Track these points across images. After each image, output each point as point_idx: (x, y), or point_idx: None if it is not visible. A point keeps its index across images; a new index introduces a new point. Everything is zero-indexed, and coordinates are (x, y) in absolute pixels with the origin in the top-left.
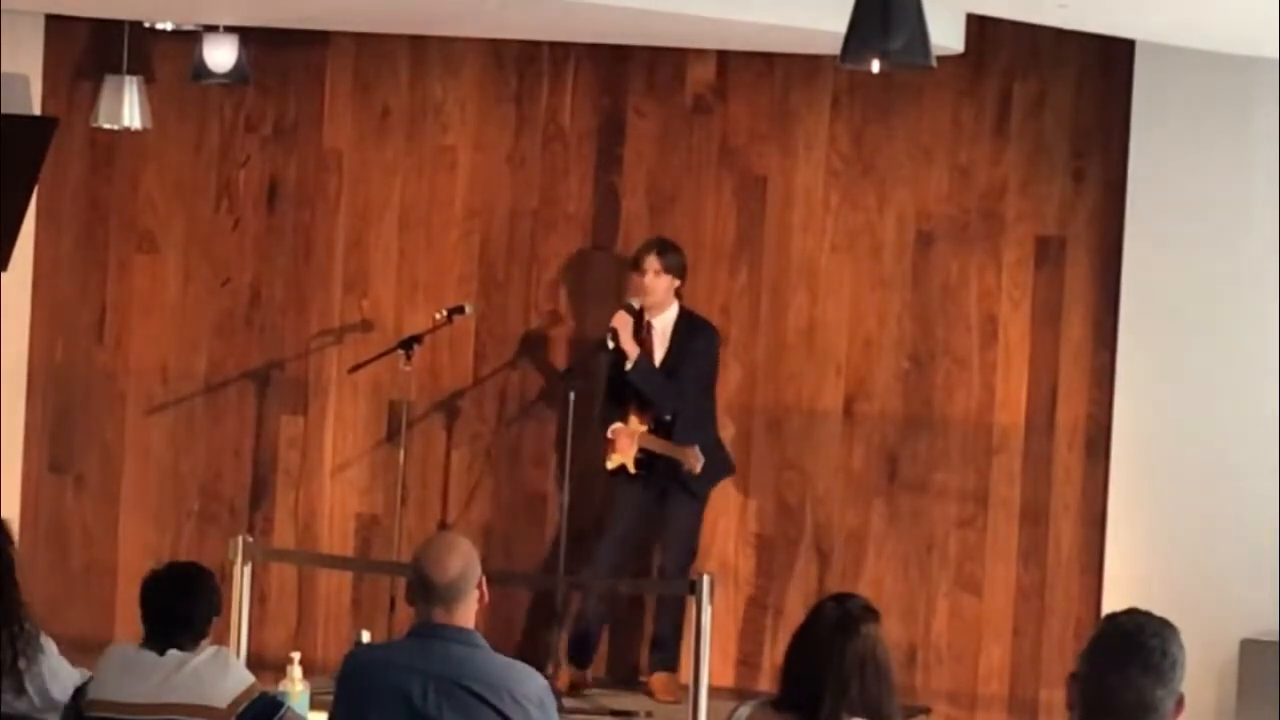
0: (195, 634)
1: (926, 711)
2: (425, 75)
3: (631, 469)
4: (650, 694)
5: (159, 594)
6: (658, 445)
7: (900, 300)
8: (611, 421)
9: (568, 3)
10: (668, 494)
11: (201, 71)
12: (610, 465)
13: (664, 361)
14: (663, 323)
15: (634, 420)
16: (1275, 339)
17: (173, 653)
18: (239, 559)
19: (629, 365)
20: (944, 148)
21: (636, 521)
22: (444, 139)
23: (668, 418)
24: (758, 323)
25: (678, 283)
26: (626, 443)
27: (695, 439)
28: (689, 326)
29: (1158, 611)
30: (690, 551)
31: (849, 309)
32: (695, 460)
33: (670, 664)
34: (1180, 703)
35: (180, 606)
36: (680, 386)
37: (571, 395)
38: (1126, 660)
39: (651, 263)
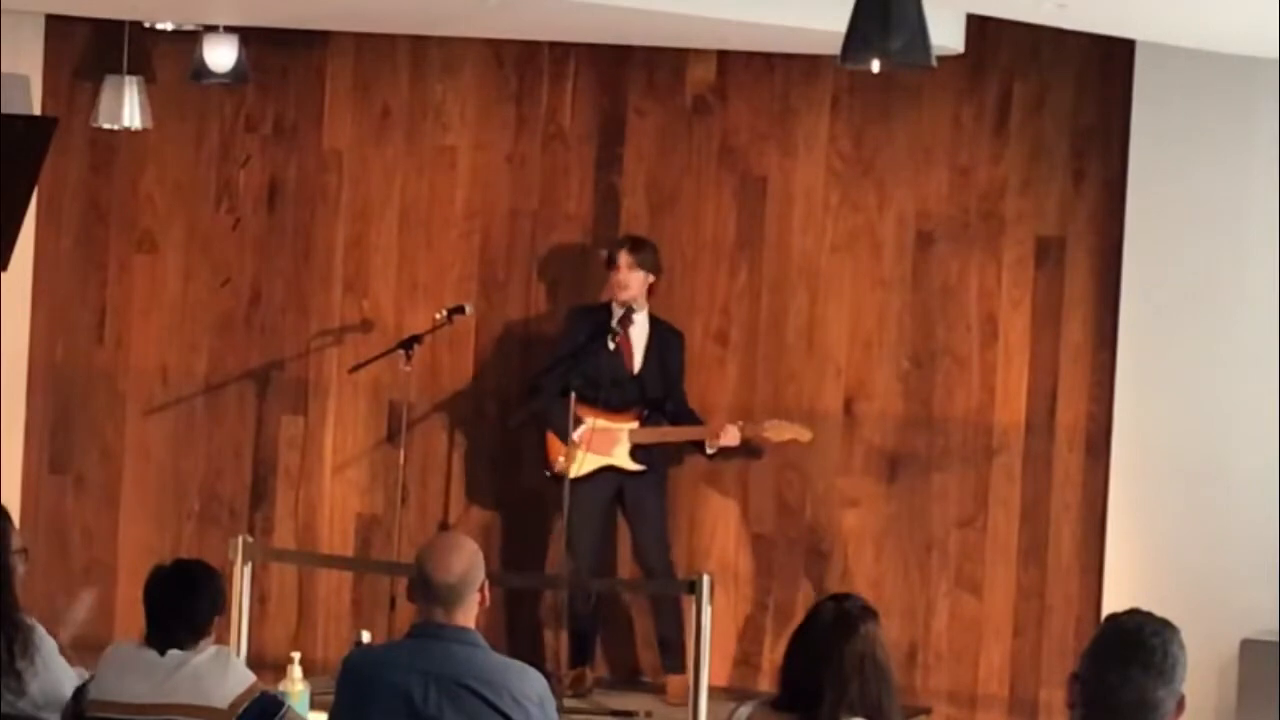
0: (197, 631)
1: (926, 711)
2: (425, 75)
3: (631, 465)
4: (664, 695)
5: (163, 589)
6: (675, 434)
7: (900, 300)
8: (569, 425)
9: (568, 3)
10: (639, 496)
11: (201, 71)
12: (575, 470)
13: (644, 360)
14: (641, 319)
15: (603, 419)
16: (1275, 339)
17: (173, 652)
18: (239, 559)
19: None
20: (944, 148)
21: (603, 522)
22: (444, 139)
23: (669, 408)
24: (758, 323)
25: (651, 279)
26: (608, 442)
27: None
28: (662, 332)
29: (1158, 612)
30: (668, 544)
31: (849, 309)
32: (732, 436)
33: (682, 666)
34: (1181, 703)
35: (183, 602)
36: (677, 394)
37: (572, 395)
38: (1127, 660)
39: (624, 258)
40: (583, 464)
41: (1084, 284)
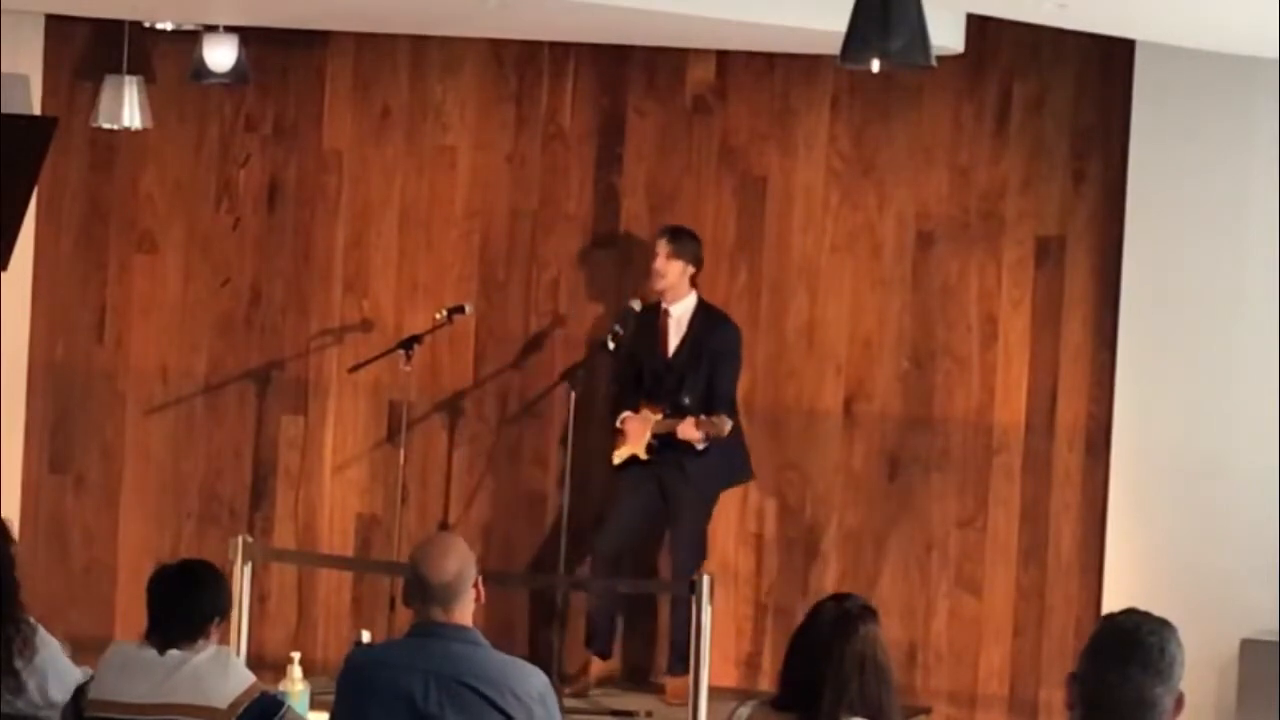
0: (196, 631)
1: (927, 711)
2: (425, 75)
3: (643, 455)
4: (664, 695)
5: (166, 588)
6: (667, 426)
7: (900, 300)
8: (620, 414)
9: (568, 3)
10: (675, 494)
11: (201, 71)
12: (619, 458)
13: (678, 350)
14: (679, 311)
15: (644, 410)
16: (1275, 339)
17: (173, 652)
18: (239, 559)
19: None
20: (944, 148)
21: (640, 515)
22: (444, 139)
23: (685, 401)
24: (758, 323)
25: (692, 269)
26: (638, 430)
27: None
28: (709, 321)
29: (1158, 612)
30: (700, 553)
31: (849, 309)
32: (723, 425)
33: (686, 671)
34: (1180, 702)
35: (186, 602)
36: (718, 388)
37: (572, 395)
38: (1125, 658)
39: (661, 246)
40: (622, 454)
41: (1084, 284)
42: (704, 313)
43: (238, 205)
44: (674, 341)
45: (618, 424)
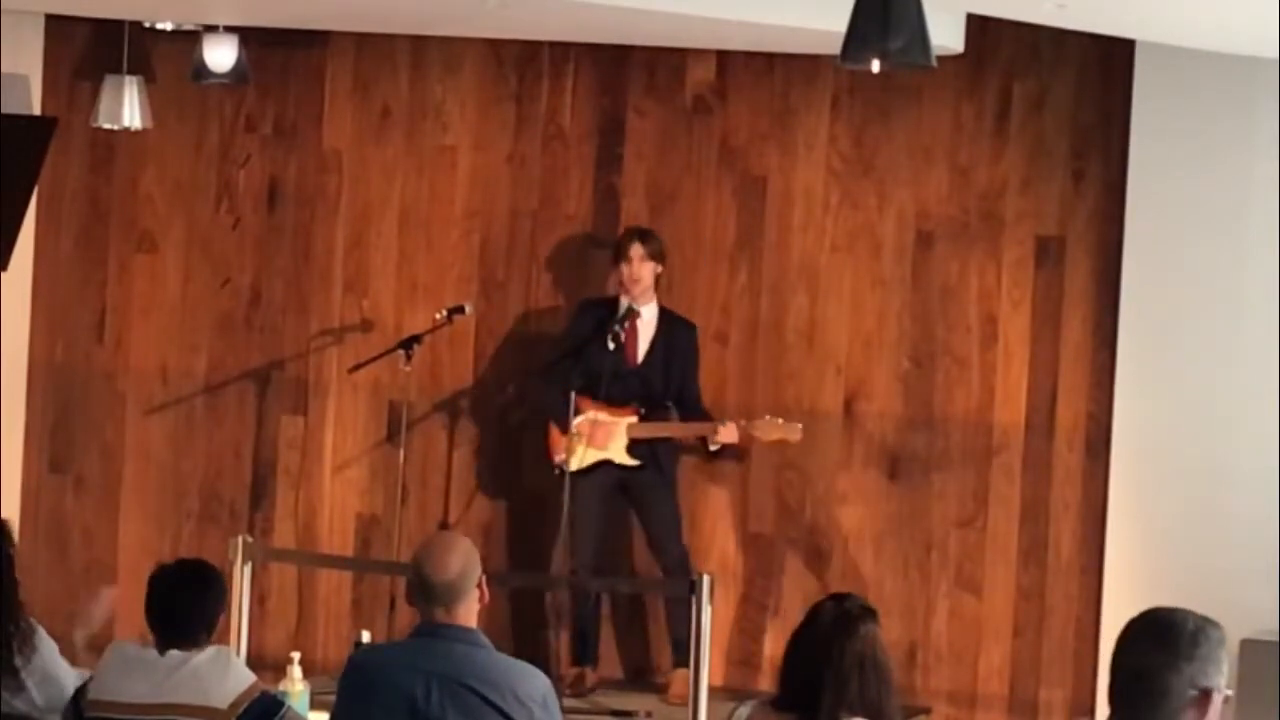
0: (198, 632)
1: (926, 711)
2: (425, 75)
3: (627, 460)
4: (665, 695)
5: (169, 589)
6: (675, 429)
7: (900, 300)
8: (569, 417)
9: (568, 3)
10: (653, 490)
11: (201, 71)
12: (578, 463)
13: (647, 354)
14: (648, 313)
15: (603, 413)
16: (1275, 338)
17: (174, 652)
18: (239, 559)
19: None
20: (944, 148)
21: (606, 518)
22: (444, 139)
23: (668, 403)
24: (758, 323)
25: (659, 269)
26: (604, 435)
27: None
28: (672, 325)
29: None
30: (683, 540)
31: (849, 309)
32: (731, 433)
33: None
34: (1206, 696)
35: (185, 603)
36: (691, 390)
37: (572, 394)
38: (1139, 635)
39: (636, 250)
40: (582, 458)
41: (1084, 284)
42: (667, 314)
43: (238, 205)
44: (643, 344)
45: (573, 429)
